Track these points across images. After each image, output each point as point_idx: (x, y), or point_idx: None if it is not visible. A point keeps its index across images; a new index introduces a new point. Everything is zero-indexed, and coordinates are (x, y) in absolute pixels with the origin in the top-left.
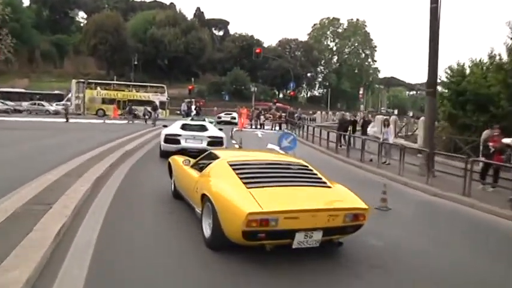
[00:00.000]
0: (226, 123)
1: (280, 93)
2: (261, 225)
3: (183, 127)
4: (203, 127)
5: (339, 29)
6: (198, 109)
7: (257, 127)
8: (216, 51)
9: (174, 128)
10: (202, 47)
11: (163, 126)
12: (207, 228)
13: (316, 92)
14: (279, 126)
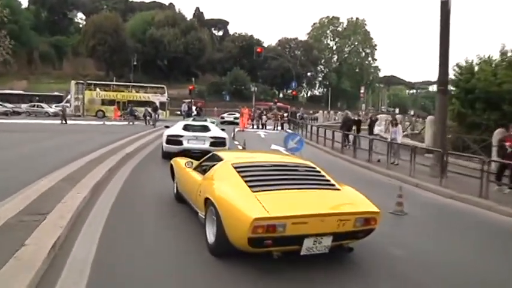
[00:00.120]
0: (230, 124)
1: (280, 93)
2: (268, 231)
3: (185, 128)
4: (205, 127)
5: (338, 28)
6: (199, 109)
7: (259, 127)
8: (216, 51)
9: (176, 128)
10: (201, 47)
11: (165, 127)
12: (210, 234)
13: (317, 91)
14: (281, 126)
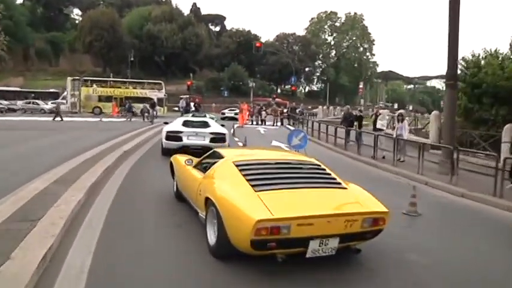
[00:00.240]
0: (230, 119)
1: (279, 89)
2: (272, 233)
3: (185, 124)
4: (205, 123)
5: (336, 23)
6: (197, 105)
7: (258, 123)
8: (214, 47)
9: (176, 124)
10: (199, 42)
11: (164, 123)
12: (211, 235)
13: (315, 86)
14: (281, 122)
